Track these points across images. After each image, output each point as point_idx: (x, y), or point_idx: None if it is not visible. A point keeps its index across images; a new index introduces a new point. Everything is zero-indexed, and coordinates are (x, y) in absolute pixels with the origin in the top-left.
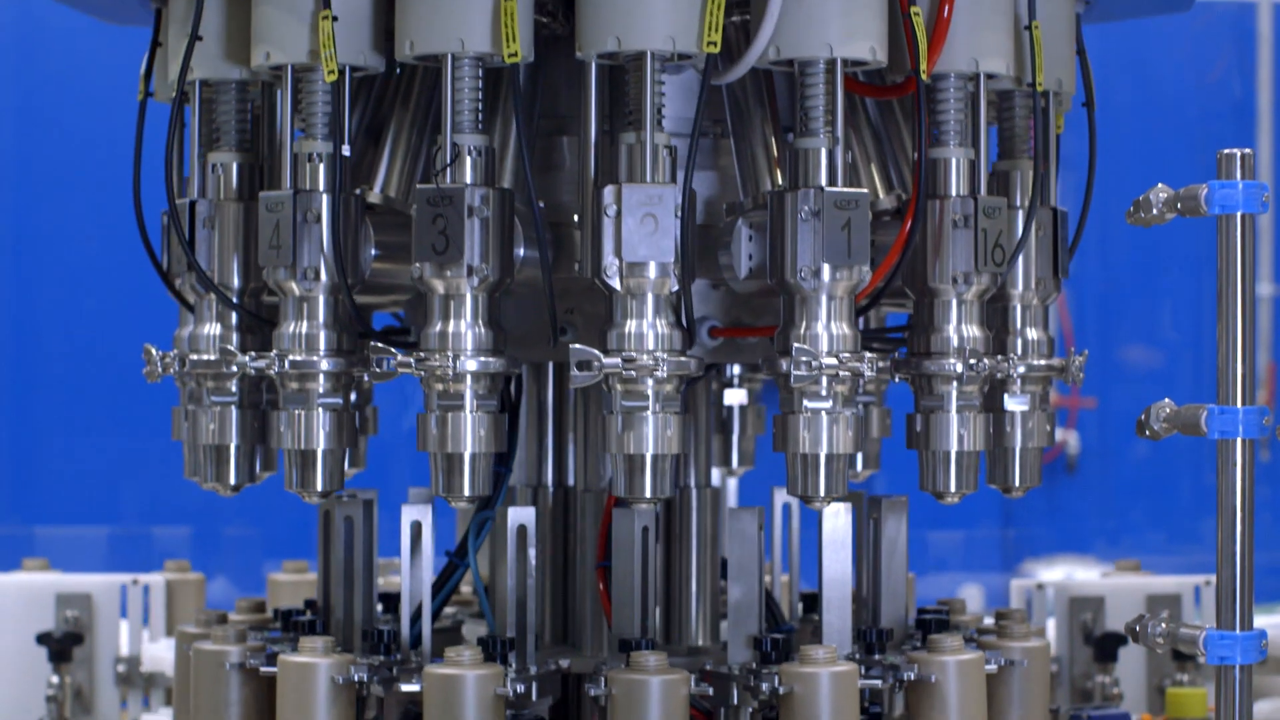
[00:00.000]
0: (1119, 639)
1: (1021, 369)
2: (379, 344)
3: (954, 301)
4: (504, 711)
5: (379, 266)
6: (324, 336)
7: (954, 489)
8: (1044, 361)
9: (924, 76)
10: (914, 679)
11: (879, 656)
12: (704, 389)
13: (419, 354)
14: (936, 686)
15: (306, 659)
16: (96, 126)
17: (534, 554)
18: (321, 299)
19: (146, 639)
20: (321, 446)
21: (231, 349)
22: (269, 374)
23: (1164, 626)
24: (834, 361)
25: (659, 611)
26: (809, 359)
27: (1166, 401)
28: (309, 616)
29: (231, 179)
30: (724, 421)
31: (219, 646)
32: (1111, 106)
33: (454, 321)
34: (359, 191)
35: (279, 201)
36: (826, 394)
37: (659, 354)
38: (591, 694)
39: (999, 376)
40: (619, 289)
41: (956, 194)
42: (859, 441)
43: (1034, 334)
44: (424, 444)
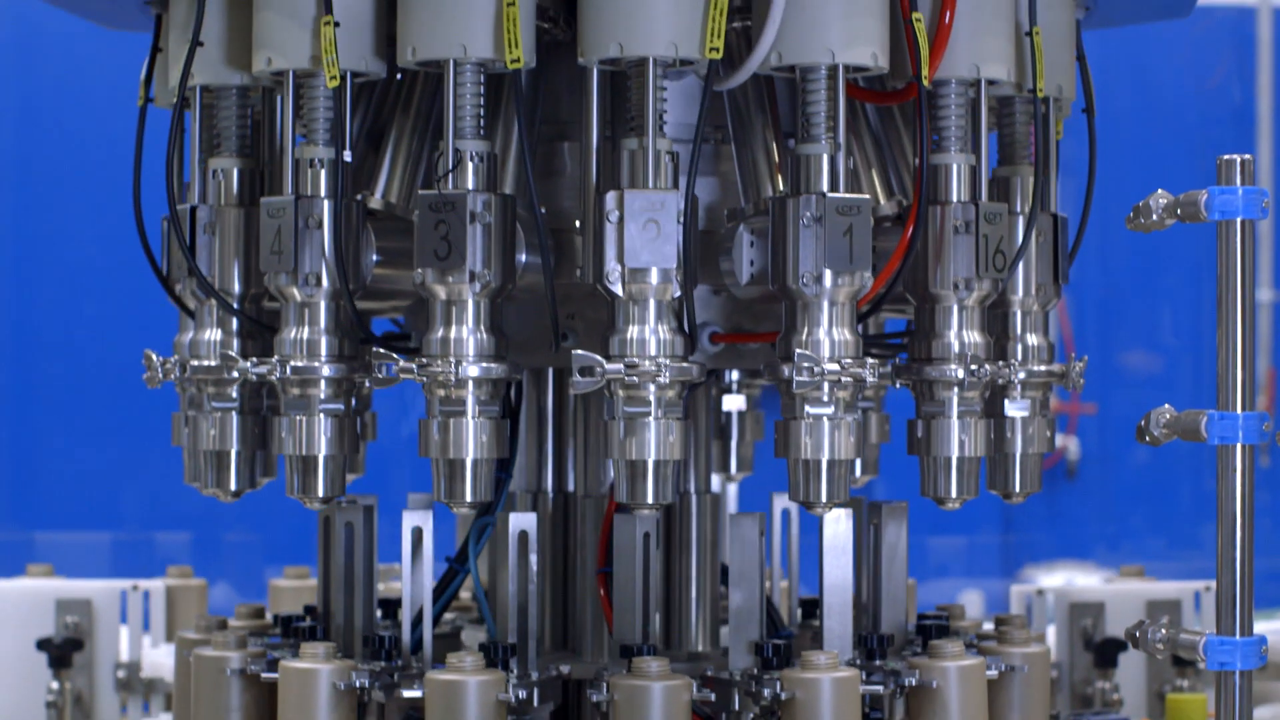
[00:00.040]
0: (1119, 645)
1: (1022, 375)
2: (381, 349)
3: (955, 307)
4: (506, 717)
5: (380, 272)
6: (325, 342)
7: (955, 494)
8: (1044, 367)
9: (925, 83)
10: (915, 684)
11: (880, 662)
12: (703, 395)
13: (421, 359)
14: (938, 692)
15: (308, 665)
16: (96, 132)
17: (535, 559)
18: (323, 305)
19: (147, 645)
20: (323, 452)
21: (233, 354)
22: (270, 380)
23: (1164, 632)
24: (836, 367)
25: (658, 617)
26: (811, 365)
27: (1166, 407)
28: (309, 622)
29: (232, 184)
30: (722, 427)
31: (220, 653)
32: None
33: (456, 327)
34: (360, 197)
35: (280, 207)
36: (828, 400)
37: (661, 360)
38: (593, 699)
39: (1000, 382)
40: (621, 295)
41: (958, 200)
42: (861, 447)
43: (1034, 340)
44: (426, 450)
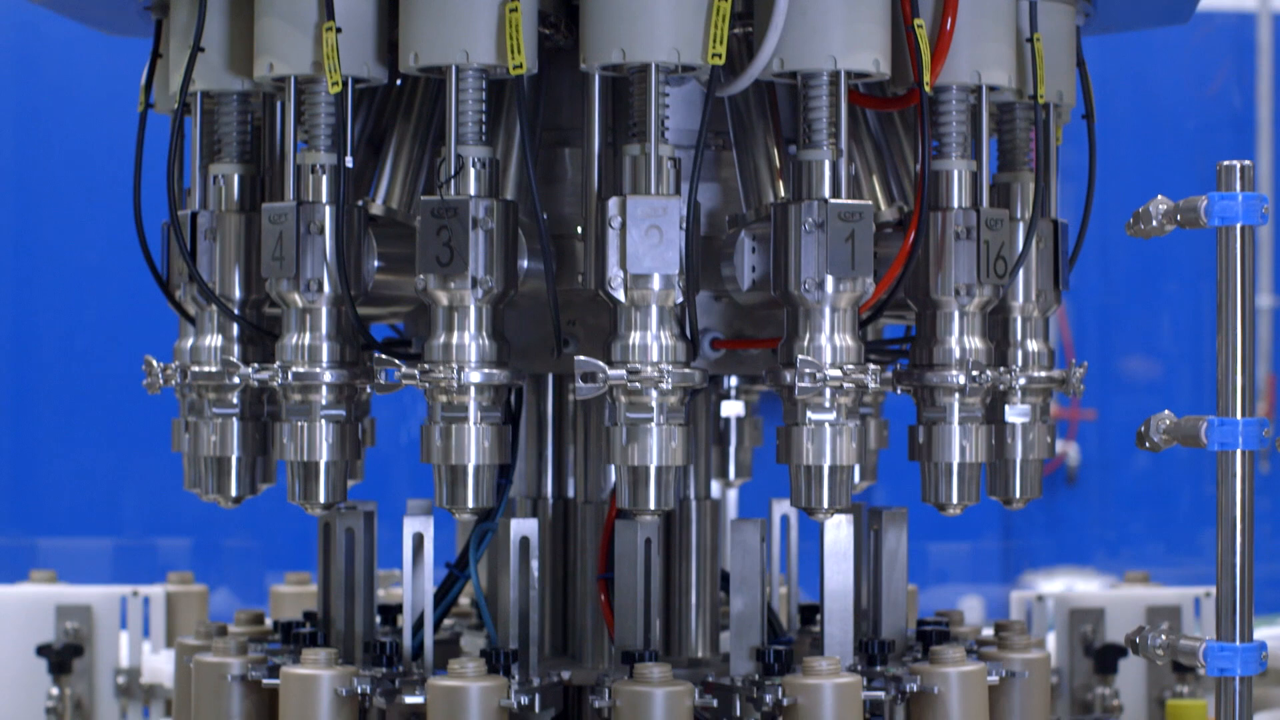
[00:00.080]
0: (1119, 650)
1: (1022, 381)
2: (384, 355)
3: (956, 313)
4: None
5: (381, 278)
6: (327, 348)
7: (956, 500)
8: (1044, 373)
9: (927, 88)
10: (917, 690)
11: (880, 668)
12: (703, 401)
13: (423, 365)
14: (939, 698)
15: (309, 671)
16: (96, 137)
17: (536, 565)
18: (324, 311)
19: (148, 651)
20: (325, 458)
21: (234, 360)
22: (272, 385)
23: (1164, 638)
24: (838, 373)
25: (659, 623)
26: (814, 371)
27: (1166, 413)
28: (309, 628)
29: (233, 190)
30: (721, 433)
31: (221, 659)
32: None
33: (458, 333)
34: (361, 203)
35: (282, 213)
36: (830, 406)
37: (664, 366)
38: (596, 705)
39: (1000, 388)
40: (624, 301)
41: (959, 206)
42: (863, 453)
43: (1034, 346)
44: (428, 455)
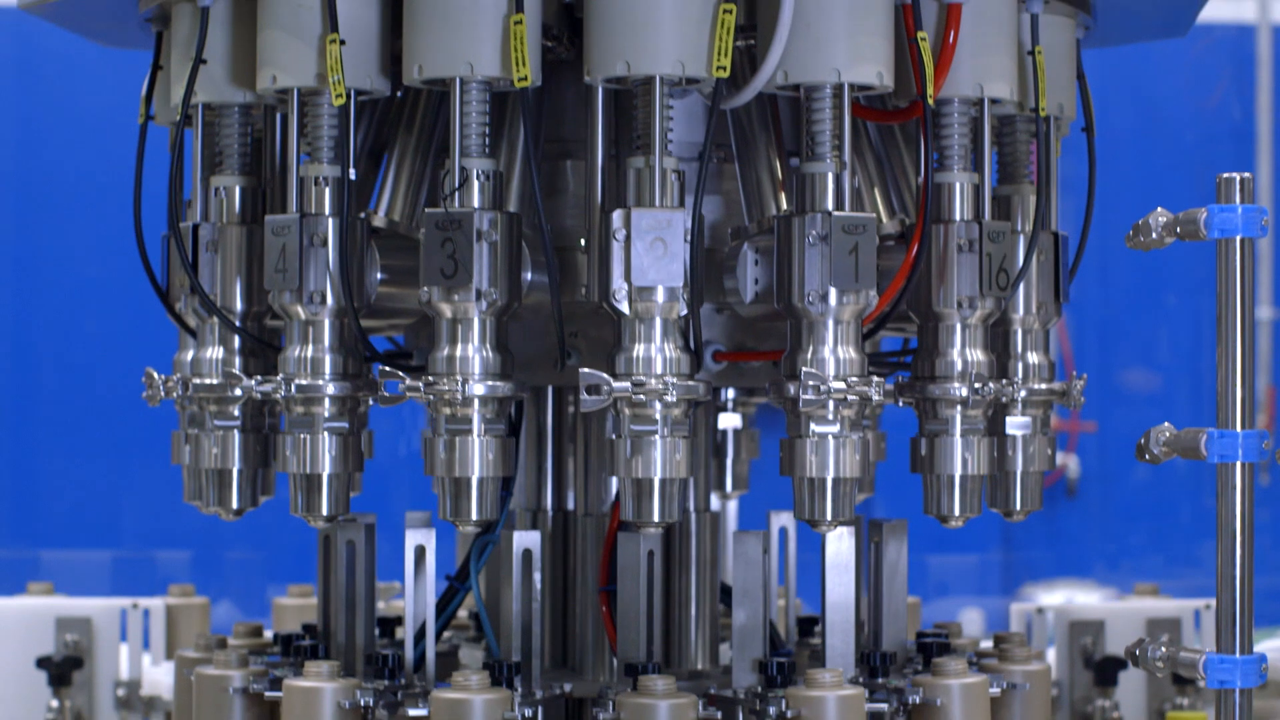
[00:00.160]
0: (1119, 663)
1: (1023, 393)
2: (387, 368)
3: (958, 326)
4: None
5: (384, 290)
6: (329, 360)
7: (958, 512)
8: (1045, 386)
9: (930, 101)
10: (919, 702)
11: (882, 680)
12: (702, 413)
13: (427, 378)
14: (941, 710)
15: (312, 683)
16: (96, 150)
17: (539, 577)
18: (327, 323)
19: (148, 663)
20: (327, 471)
21: (236, 373)
22: (274, 398)
23: (1164, 650)
24: (842, 386)
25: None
26: (817, 383)
27: (1166, 425)
28: (309, 641)
29: (234, 202)
30: (718, 445)
31: (222, 671)
32: (1111, 131)
33: (462, 345)
34: (364, 215)
35: (285, 225)
36: (834, 418)
37: (668, 378)
38: (600, 718)
39: (1001, 400)
40: (628, 313)
41: (961, 218)
42: (865, 465)
43: (1035, 358)
44: (431, 468)
